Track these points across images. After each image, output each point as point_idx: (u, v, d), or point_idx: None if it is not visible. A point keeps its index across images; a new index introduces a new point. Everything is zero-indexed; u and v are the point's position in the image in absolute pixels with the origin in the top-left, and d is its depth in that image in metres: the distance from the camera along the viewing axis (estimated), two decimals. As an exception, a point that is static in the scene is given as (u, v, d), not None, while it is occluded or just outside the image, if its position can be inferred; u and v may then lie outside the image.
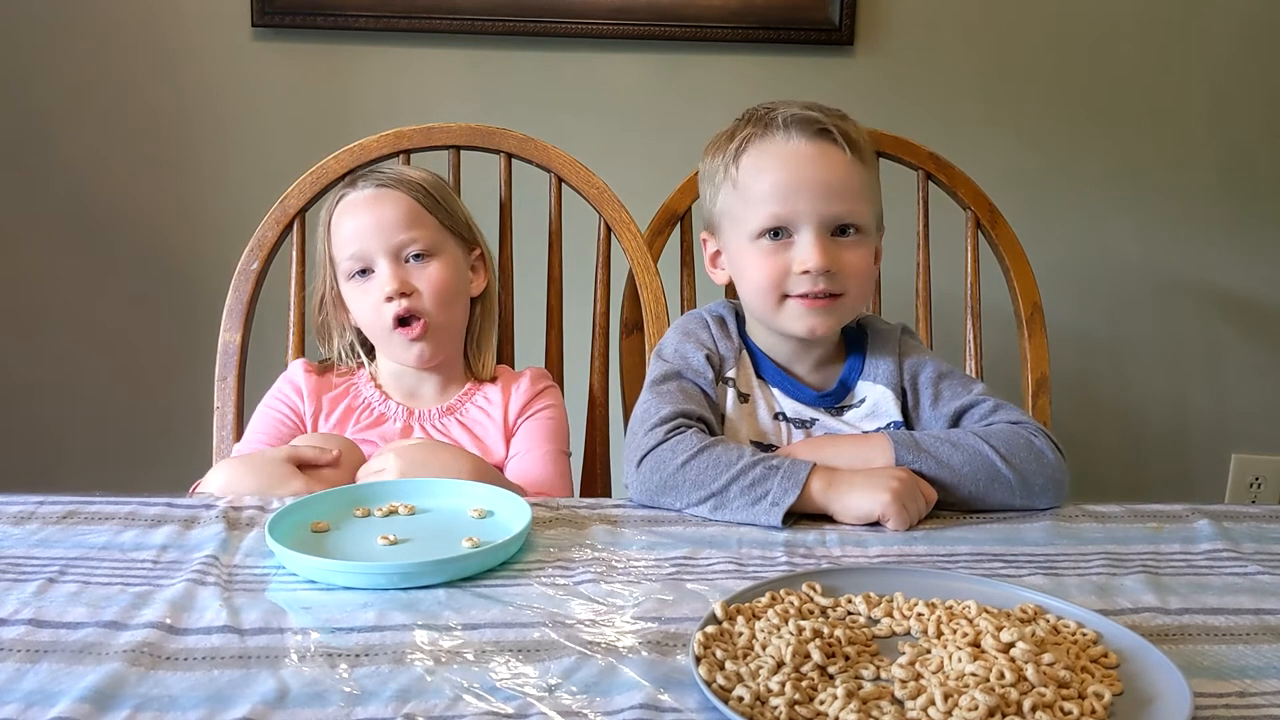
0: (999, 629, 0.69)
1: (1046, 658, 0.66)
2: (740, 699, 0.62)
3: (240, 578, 0.81)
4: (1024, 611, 0.74)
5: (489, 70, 1.87)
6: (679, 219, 1.38)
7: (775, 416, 1.13)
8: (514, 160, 1.37)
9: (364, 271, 1.20)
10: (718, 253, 1.18)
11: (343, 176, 1.31)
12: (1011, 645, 0.67)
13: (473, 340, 1.28)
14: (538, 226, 1.39)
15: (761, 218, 1.08)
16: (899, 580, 0.79)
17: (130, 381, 1.95)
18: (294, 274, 1.33)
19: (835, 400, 1.14)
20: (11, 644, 0.69)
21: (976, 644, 0.69)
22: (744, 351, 1.15)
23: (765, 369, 1.15)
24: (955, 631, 0.71)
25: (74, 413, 1.95)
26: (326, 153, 1.34)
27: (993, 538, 0.93)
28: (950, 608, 0.74)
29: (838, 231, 1.08)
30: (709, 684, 0.63)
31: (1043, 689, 0.62)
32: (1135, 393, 2.06)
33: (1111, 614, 0.76)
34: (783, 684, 0.63)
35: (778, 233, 1.08)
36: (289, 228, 1.32)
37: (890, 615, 0.74)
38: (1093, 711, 0.61)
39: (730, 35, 1.86)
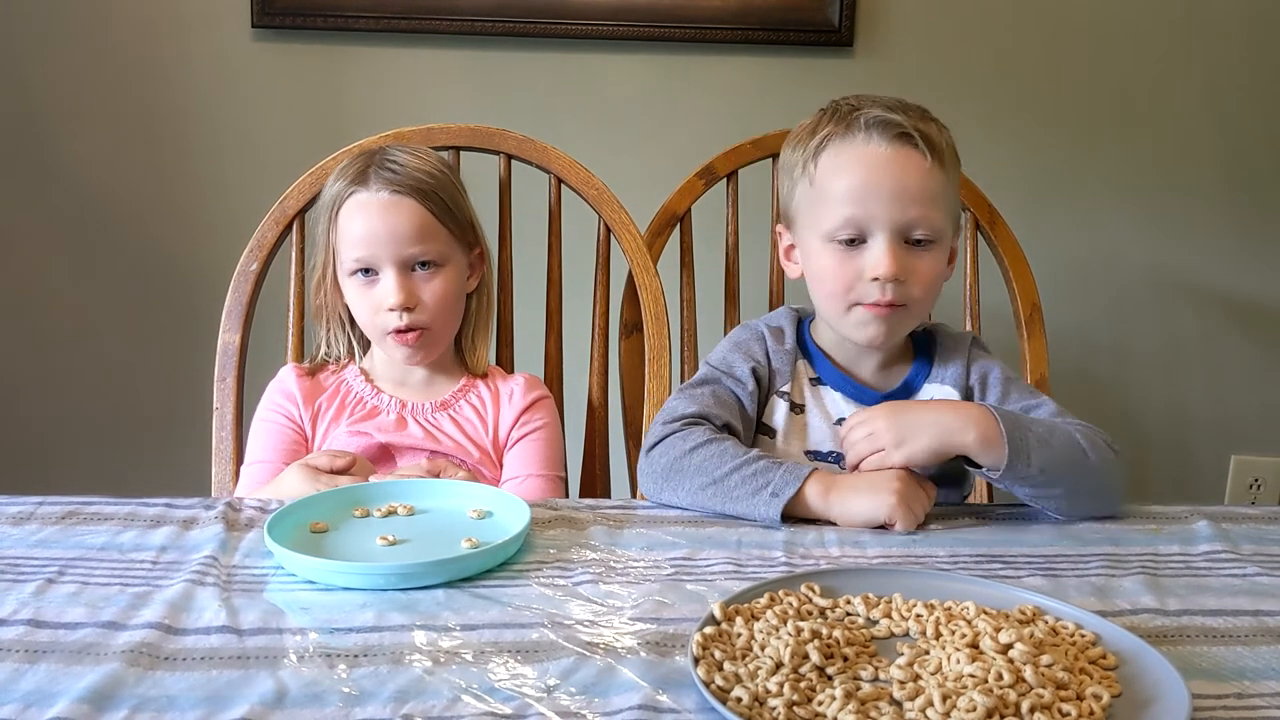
0: (997, 630, 0.69)
1: (1045, 659, 0.66)
2: (739, 700, 0.62)
3: (239, 578, 0.81)
4: (1023, 613, 0.74)
5: (489, 71, 1.87)
6: (678, 220, 1.38)
7: (837, 423, 1.10)
8: (513, 161, 1.37)
9: (368, 271, 1.20)
10: (792, 246, 1.16)
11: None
12: (1010, 646, 0.67)
13: (467, 335, 1.28)
14: (537, 227, 1.39)
15: (836, 219, 1.06)
16: (898, 581, 0.80)
17: (130, 382, 1.95)
18: (293, 274, 1.33)
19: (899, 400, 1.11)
20: (10, 644, 0.69)
21: (975, 645, 0.69)
22: (799, 360, 1.13)
23: (825, 372, 1.13)
24: (954, 633, 0.71)
25: (73, 413, 1.95)
26: (326, 153, 1.33)
27: (992, 539, 0.93)
28: (949, 609, 0.74)
29: (911, 240, 1.05)
30: (707, 685, 0.63)
31: (1041, 690, 0.62)
32: (1135, 394, 2.06)
33: (1110, 615, 0.76)
34: (781, 685, 0.63)
35: (852, 240, 1.06)
36: (288, 228, 1.32)
37: (889, 616, 0.74)
38: (1091, 713, 0.61)
39: (730, 36, 1.86)
